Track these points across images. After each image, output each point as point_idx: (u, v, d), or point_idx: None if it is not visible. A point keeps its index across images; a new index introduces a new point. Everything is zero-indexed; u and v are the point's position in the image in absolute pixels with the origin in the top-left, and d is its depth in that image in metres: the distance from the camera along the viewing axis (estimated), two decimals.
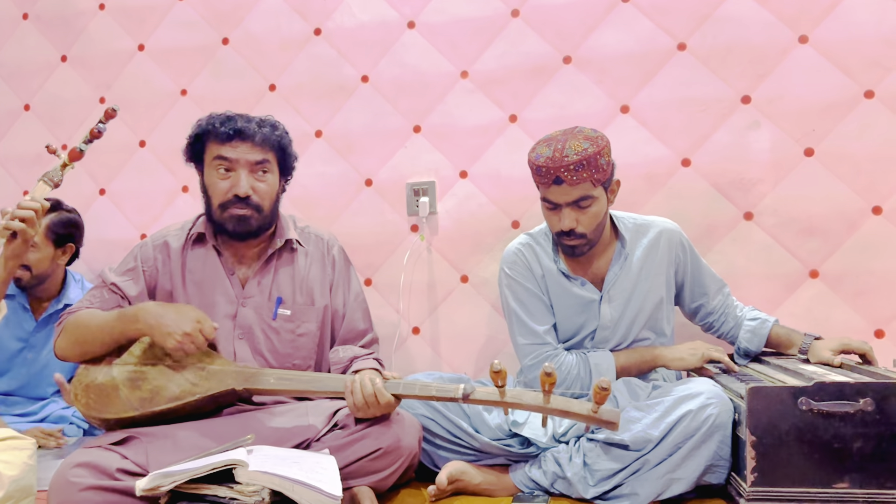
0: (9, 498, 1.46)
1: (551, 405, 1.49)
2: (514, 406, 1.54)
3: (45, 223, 2.30)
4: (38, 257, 2.30)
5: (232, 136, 1.81)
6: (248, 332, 1.85)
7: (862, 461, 1.47)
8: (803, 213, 2.20)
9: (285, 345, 1.87)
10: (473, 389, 1.57)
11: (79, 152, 1.74)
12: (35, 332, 2.35)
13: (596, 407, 1.44)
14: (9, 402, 2.29)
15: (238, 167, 1.82)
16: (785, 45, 2.22)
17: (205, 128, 1.85)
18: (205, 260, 1.89)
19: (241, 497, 1.36)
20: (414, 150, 2.51)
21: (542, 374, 1.43)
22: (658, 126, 2.31)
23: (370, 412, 1.62)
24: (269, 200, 1.86)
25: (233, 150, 1.81)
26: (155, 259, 1.89)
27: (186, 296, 1.87)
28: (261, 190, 1.84)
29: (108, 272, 1.88)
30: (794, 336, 1.93)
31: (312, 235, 2.00)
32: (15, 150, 2.85)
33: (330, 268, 1.97)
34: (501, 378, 1.49)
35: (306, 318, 1.90)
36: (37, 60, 2.84)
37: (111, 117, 1.77)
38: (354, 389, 1.62)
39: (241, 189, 1.80)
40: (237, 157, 1.81)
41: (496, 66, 2.44)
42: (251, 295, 1.87)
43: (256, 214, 1.83)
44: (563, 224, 1.82)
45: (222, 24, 2.67)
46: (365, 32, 2.54)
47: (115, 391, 1.68)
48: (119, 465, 1.49)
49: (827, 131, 2.19)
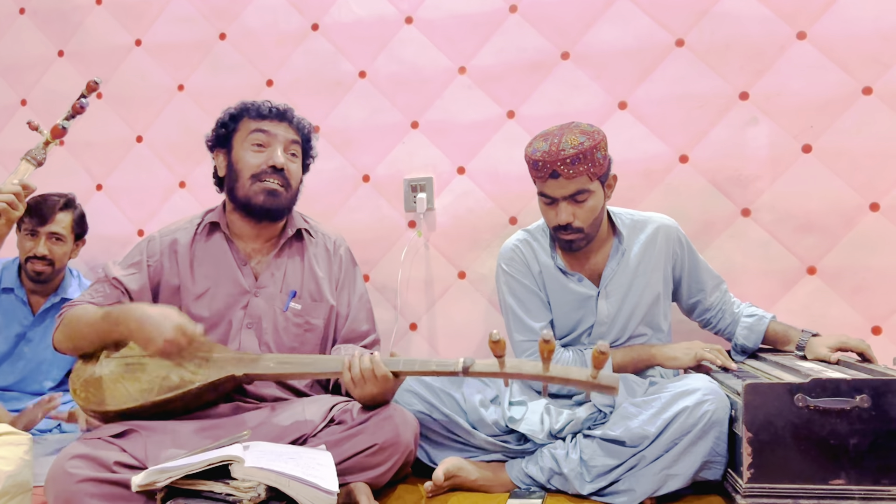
0: (5, 493, 1.46)
1: (551, 373, 1.47)
2: (514, 376, 1.53)
3: (70, 218, 2.34)
4: (64, 251, 2.34)
5: (270, 114, 1.89)
6: (256, 323, 1.85)
7: (858, 457, 1.48)
8: (801, 210, 2.20)
9: (291, 338, 1.87)
10: (473, 362, 1.55)
11: (61, 129, 1.73)
12: (33, 327, 2.35)
13: (595, 372, 1.43)
14: (6, 398, 2.29)
15: (275, 143, 1.87)
16: (783, 41, 2.22)
17: (240, 108, 1.91)
18: (216, 250, 1.89)
19: (237, 493, 1.36)
20: (411, 146, 2.50)
21: (541, 341, 1.40)
22: (656, 122, 2.31)
23: (367, 388, 1.61)
24: (296, 182, 1.92)
25: (272, 125, 1.88)
26: (161, 254, 1.88)
27: (196, 288, 1.86)
28: (292, 169, 1.89)
29: (112, 265, 1.87)
30: (791, 333, 1.93)
31: (320, 234, 2.01)
32: (11, 145, 2.83)
33: (337, 267, 1.98)
34: (500, 348, 1.47)
35: (315, 314, 1.90)
36: (33, 55, 2.83)
37: (93, 90, 1.76)
38: (352, 364, 1.61)
39: (279, 160, 1.85)
40: (276, 132, 1.88)
41: (494, 61, 2.43)
42: (265, 285, 1.87)
43: (285, 192, 1.87)
44: (560, 218, 1.82)
45: (219, 19, 2.66)
46: (362, 27, 2.54)
47: (115, 383, 1.67)
48: (117, 457, 1.49)
49: (825, 128, 2.18)
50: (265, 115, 1.89)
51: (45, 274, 2.31)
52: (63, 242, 2.32)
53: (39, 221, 2.28)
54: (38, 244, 2.27)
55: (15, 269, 2.38)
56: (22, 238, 2.30)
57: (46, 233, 2.29)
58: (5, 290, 2.35)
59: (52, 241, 2.29)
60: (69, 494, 1.43)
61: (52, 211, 2.29)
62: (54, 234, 2.30)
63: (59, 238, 2.31)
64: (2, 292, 2.34)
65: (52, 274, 2.33)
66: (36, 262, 2.28)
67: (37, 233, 2.28)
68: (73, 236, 2.36)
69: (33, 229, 2.28)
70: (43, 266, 2.29)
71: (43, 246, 2.27)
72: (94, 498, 1.44)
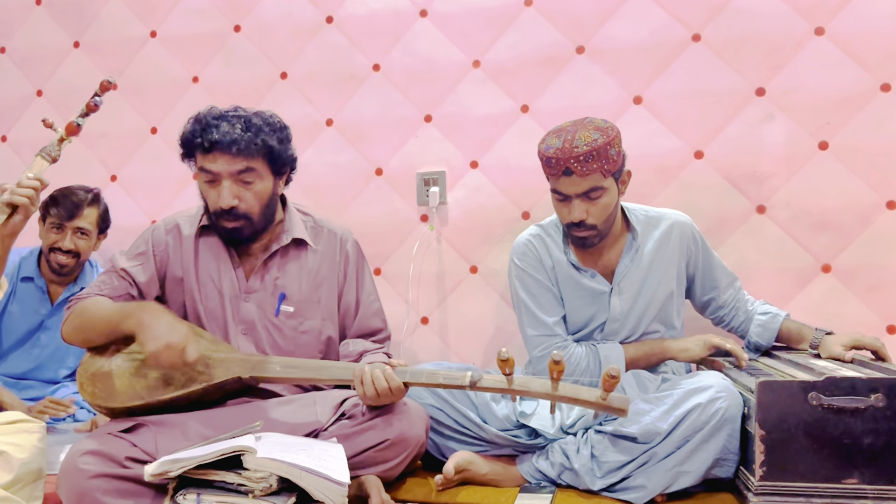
0: (18, 481, 1.47)
1: (560, 392, 1.48)
2: (522, 393, 1.54)
3: (97, 214, 2.36)
4: (89, 246, 2.36)
5: (210, 149, 1.73)
6: (250, 328, 1.83)
7: (872, 457, 1.47)
8: (816, 207, 2.18)
9: (287, 341, 1.84)
10: (481, 377, 1.56)
11: (76, 126, 1.73)
12: (50, 316, 2.37)
13: (605, 394, 1.44)
14: (21, 386, 2.31)
15: (221, 179, 1.75)
16: (800, 36, 2.20)
17: (188, 136, 1.79)
18: (214, 250, 1.87)
19: (249, 483, 1.36)
20: (424, 140, 2.50)
21: (551, 361, 1.42)
22: (671, 118, 2.29)
23: (380, 401, 1.62)
24: (260, 204, 1.79)
25: (213, 162, 1.74)
26: (167, 244, 1.87)
27: (197, 285, 1.85)
28: (247, 198, 1.77)
29: (119, 257, 1.86)
30: (805, 331, 1.92)
31: (325, 230, 1.95)
32: (27, 135, 2.86)
33: (342, 264, 1.93)
34: (509, 366, 1.48)
35: (310, 316, 1.87)
36: (49, 46, 2.84)
37: (107, 90, 1.76)
38: (365, 380, 1.60)
39: (224, 202, 1.74)
40: (218, 169, 1.74)
41: (508, 55, 2.42)
42: (254, 290, 1.84)
43: (247, 223, 1.78)
44: (573, 215, 1.81)
45: (234, 12, 2.67)
46: (377, 21, 2.53)
47: (122, 380, 1.68)
48: (128, 452, 1.50)
49: (842, 124, 2.16)
50: (204, 151, 1.74)
51: (69, 267, 2.33)
52: (88, 237, 2.34)
53: (67, 216, 2.29)
54: (65, 238, 2.29)
55: (34, 259, 2.39)
56: (47, 230, 2.31)
57: (73, 227, 2.30)
58: (24, 280, 2.36)
59: (77, 235, 2.31)
60: (81, 490, 1.44)
61: (80, 206, 2.30)
62: (80, 228, 2.31)
63: (85, 233, 2.33)
64: (21, 281, 2.36)
65: (75, 266, 2.35)
66: (61, 255, 2.29)
67: (63, 227, 2.29)
68: (97, 230, 2.37)
69: (60, 223, 2.29)
70: (68, 259, 2.30)
71: (69, 240, 2.29)
72: (107, 494, 1.45)
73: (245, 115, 1.79)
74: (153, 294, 1.86)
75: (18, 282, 2.36)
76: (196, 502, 1.37)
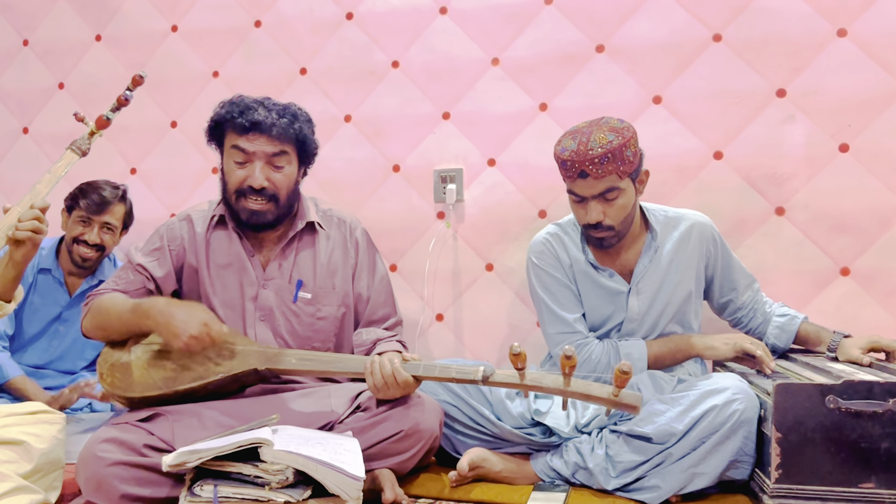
0: (38, 470, 1.49)
1: (571, 388, 1.48)
2: (534, 389, 1.54)
3: (124, 210, 2.39)
4: (113, 240, 2.39)
5: (249, 129, 1.79)
6: (268, 315, 1.86)
7: (889, 461, 1.46)
8: (836, 210, 2.17)
9: (305, 328, 1.88)
10: (493, 371, 1.57)
11: (106, 120, 1.76)
12: (69, 308, 2.39)
13: (617, 391, 1.44)
14: (39, 375, 2.34)
15: (255, 159, 1.81)
16: (822, 38, 2.18)
17: (224, 116, 1.84)
18: (227, 242, 1.90)
19: (266, 475, 1.38)
20: (442, 137, 2.50)
21: (563, 357, 1.42)
22: (690, 117, 2.28)
23: (389, 392, 1.64)
24: (287, 190, 1.85)
25: (249, 142, 1.80)
26: (182, 238, 1.90)
27: (210, 278, 1.88)
28: (277, 180, 1.82)
29: (135, 252, 1.90)
30: (822, 333, 1.91)
31: (335, 218, 1.99)
32: (49, 128, 2.88)
33: (353, 251, 1.97)
34: (521, 361, 1.48)
35: (327, 302, 1.90)
36: (71, 39, 2.87)
37: (138, 84, 1.78)
38: (374, 370, 1.63)
39: (256, 181, 1.79)
40: (254, 149, 1.80)
41: (527, 53, 2.42)
42: (272, 277, 1.88)
43: (273, 206, 1.83)
44: (590, 217, 1.81)
45: (255, 7, 2.68)
46: (396, 17, 2.54)
47: (140, 370, 1.71)
48: (146, 441, 1.52)
49: (863, 127, 2.15)
50: (241, 130, 1.80)
51: (92, 260, 2.35)
52: (113, 233, 2.37)
53: (96, 211, 2.30)
54: (91, 232, 2.31)
55: (53, 250, 2.41)
56: (73, 221, 2.32)
57: (101, 222, 2.32)
58: (42, 271, 2.38)
59: (104, 230, 2.34)
60: (100, 477, 1.47)
61: (109, 203, 2.33)
62: (108, 223, 2.34)
63: (111, 228, 2.35)
64: (39, 272, 2.38)
65: (98, 260, 2.38)
66: (86, 248, 2.31)
67: (91, 221, 2.31)
68: (121, 226, 2.40)
69: (88, 217, 2.31)
70: (92, 253, 2.33)
71: (96, 234, 2.31)
72: (124, 481, 1.48)
73: (279, 104, 1.86)
74: (170, 289, 1.89)
75: (38, 273, 2.39)
76: (213, 493, 1.38)
